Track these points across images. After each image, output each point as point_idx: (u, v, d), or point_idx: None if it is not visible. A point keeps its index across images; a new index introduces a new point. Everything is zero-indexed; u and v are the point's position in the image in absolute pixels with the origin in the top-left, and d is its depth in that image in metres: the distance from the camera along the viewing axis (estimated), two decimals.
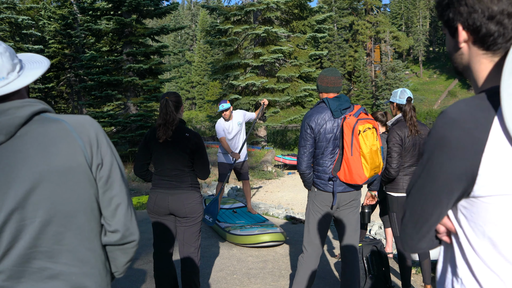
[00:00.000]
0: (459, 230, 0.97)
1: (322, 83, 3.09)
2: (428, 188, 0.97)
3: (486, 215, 0.90)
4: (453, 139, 0.90)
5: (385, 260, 3.83)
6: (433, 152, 0.94)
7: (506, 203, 0.88)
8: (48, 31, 24.46)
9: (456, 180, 0.92)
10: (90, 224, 1.18)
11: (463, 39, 0.93)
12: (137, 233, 1.26)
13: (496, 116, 0.87)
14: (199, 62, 57.50)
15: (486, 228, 0.91)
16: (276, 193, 10.44)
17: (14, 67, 1.16)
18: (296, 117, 18.80)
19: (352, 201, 3.12)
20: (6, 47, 1.17)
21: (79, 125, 1.18)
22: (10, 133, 1.09)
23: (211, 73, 20.50)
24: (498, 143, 0.86)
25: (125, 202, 1.23)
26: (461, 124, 0.89)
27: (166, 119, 2.92)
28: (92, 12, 15.25)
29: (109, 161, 1.21)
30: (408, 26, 66.06)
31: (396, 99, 3.77)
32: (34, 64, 1.25)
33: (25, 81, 1.17)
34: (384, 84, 46.98)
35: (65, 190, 1.12)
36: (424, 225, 1.01)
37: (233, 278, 4.12)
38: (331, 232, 5.81)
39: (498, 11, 0.86)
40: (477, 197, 0.91)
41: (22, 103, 1.13)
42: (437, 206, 0.97)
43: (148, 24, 32.15)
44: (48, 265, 1.12)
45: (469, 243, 0.95)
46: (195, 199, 3.04)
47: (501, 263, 0.91)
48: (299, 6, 18.83)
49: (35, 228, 1.09)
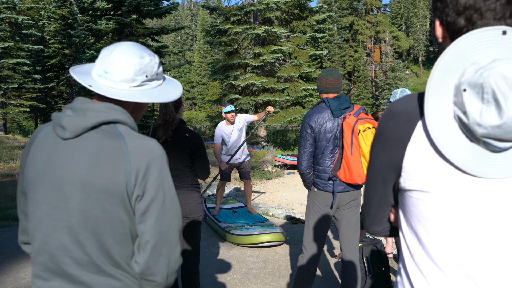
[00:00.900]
0: (399, 221, 1.00)
1: (322, 84, 3.10)
2: (369, 174, 1.04)
3: (412, 209, 0.93)
4: (388, 130, 0.95)
5: (385, 260, 3.83)
6: (374, 141, 1.01)
7: (427, 199, 0.89)
8: (48, 31, 24.46)
9: (387, 170, 0.97)
10: (121, 246, 1.15)
11: (440, 34, 0.95)
12: (162, 275, 1.17)
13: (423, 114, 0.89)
14: (199, 62, 57.51)
15: (412, 222, 0.93)
16: (276, 193, 10.44)
17: (134, 81, 1.20)
18: (296, 117, 18.80)
19: (352, 201, 3.12)
20: (146, 64, 1.21)
21: (135, 150, 1.14)
22: (75, 133, 1.14)
23: (211, 73, 20.51)
24: (420, 140, 0.89)
25: (154, 241, 1.15)
26: (395, 116, 0.94)
27: (166, 119, 2.92)
28: (92, 12, 15.26)
29: (151, 196, 1.14)
30: (408, 26, 66.07)
31: (396, 99, 3.78)
32: (156, 92, 1.25)
33: (122, 96, 1.18)
34: (384, 84, 46.97)
35: (96, 207, 1.12)
36: (370, 209, 1.08)
37: (233, 278, 4.12)
38: (331, 232, 5.81)
39: (466, 6, 0.87)
40: (403, 189, 0.94)
41: (101, 108, 1.17)
42: (375, 192, 1.03)
43: (148, 24, 32.14)
44: (74, 272, 1.14)
45: (403, 236, 0.97)
46: (195, 199, 3.04)
47: (424, 260, 0.92)
48: (299, 6, 18.83)
49: (64, 231, 1.14)
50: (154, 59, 1.25)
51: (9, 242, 4.93)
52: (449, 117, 0.85)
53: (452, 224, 0.87)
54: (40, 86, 22.02)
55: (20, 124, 31.02)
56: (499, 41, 0.83)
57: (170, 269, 1.19)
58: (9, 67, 18.73)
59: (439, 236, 0.89)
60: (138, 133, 1.22)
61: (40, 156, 1.18)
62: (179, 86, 1.35)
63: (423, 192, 0.89)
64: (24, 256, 4.45)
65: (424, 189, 0.89)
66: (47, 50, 24.00)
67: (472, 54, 0.84)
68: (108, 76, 1.19)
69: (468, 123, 0.81)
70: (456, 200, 0.86)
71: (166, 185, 1.18)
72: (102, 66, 1.20)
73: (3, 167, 9.37)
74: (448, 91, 0.85)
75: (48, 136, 1.19)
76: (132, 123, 1.22)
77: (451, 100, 0.85)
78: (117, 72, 1.18)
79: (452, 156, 0.84)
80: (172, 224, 1.18)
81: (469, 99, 0.80)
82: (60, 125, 1.15)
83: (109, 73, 1.18)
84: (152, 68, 1.23)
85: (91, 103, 1.17)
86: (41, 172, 1.16)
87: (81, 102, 1.17)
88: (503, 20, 0.85)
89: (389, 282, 3.81)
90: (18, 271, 4.07)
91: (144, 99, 1.21)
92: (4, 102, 18.98)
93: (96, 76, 1.20)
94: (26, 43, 22.15)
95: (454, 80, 0.85)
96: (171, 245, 1.18)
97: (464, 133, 0.84)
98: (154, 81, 1.26)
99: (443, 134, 0.84)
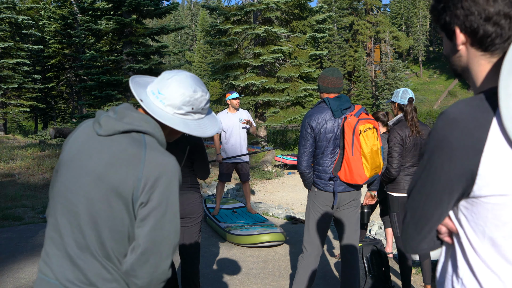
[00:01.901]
0: (460, 230, 0.97)
1: (323, 83, 3.09)
2: (428, 188, 0.97)
3: (486, 215, 0.90)
4: (454, 140, 0.90)
5: (385, 260, 3.83)
6: (434, 153, 0.95)
7: (505, 203, 0.88)
8: (48, 31, 24.45)
9: (456, 180, 0.92)
10: (116, 242, 1.23)
11: (461, 41, 0.94)
12: (144, 281, 1.22)
13: (495, 117, 0.87)
14: (199, 62, 57.49)
15: (486, 229, 0.91)
16: (276, 193, 10.44)
17: (179, 109, 1.33)
18: (296, 117, 18.79)
19: (352, 201, 3.12)
20: (196, 98, 1.34)
21: (151, 160, 1.23)
22: (108, 132, 1.26)
23: (211, 73, 20.49)
24: (497, 144, 0.87)
25: (145, 247, 1.20)
26: (461, 124, 0.90)
27: None
28: (92, 12, 15.26)
29: (153, 205, 1.20)
30: (408, 26, 66.06)
31: (397, 99, 3.77)
32: (194, 125, 1.37)
33: (163, 118, 1.30)
34: (384, 84, 46.96)
35: (103, 201, 1.21)
36: (426, 226, 1.01)
37: (233, 278, 4.12)
38: (331, 232, 5.81)
39: (495, 12, 0.87)
40: (477, 197, 0.91)
41: (138, 118, 1.29)
42: (438, 206, 0.97)
43: (148, 24, 32.11)
44: (73, 253, 1.23)
45: (470, 243, 0.95)
46: (194, 199, 3.03)
47: (501, 264, 0.91)
48: (299, 6, 18.82)
49: (71, 214, 1.25)
50: (205, 96, 1.37)
51: (9, 242, 4.93)
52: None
53: None
54: (40, 86, 22.02)
55: (20, 124, 31.03)
56: None
57: (154, 277, 1.23)
58: (9, 67, 18.73)
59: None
60: (163, 148, 1.31)
61: (75, 144, 1.31)
62: (217, 124, 1.47)
63: (504, 196, 0.87)
64: (24, 256, 4.45)
65: (505, 193, 0.87)
66: (47, 50, 24.00)
67: None
68: (160, 97, 1.32)
69: None
70: None
71: (171, 200, 1.24)
72: (159, 86, 1.33)
73: (3, 167, 9.36)
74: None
75: (87, 128, 1.33)
76: (162, 138, 1.32)
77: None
78: (169, 97, 1.31)
79: None
80: (168, 238, 1.23)
81: None
82: (99, 122, 1.28)
83: (161, 95, 1.32)
84: (200, 103, 1.36)
85: (132, 110, 1.30)
86: (71, 158, 1.29)
87: (124, 108, 1.31)
88: None
89: (389, 282, 3.81)
90: (18, 271, 4.07)
91: (181, 128, 1.33)
92: (4, 102, 18.98)
93: (149, 93, 1.34)
94: (26, 43, 22.16)
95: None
96: (161, 256, 1.22)
97: None
98: (197, 114, 1.38)
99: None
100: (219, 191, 6.07)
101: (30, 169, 9.31)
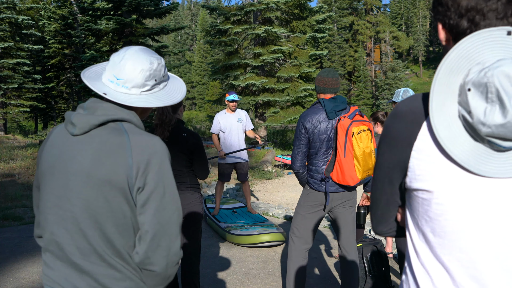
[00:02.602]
0: (406, 220, 1.01)
1: (320, 84, 3.11)
2: (376, 174, 1.05)
3: (418, 208, 0.93)
4: (394, 131, 0.96)
5: (385, 260, 3.82)
6: (380, 141, 1.02)
7: (430, 199, 0.89)
8: (48, 31, 24.44)
9: (393, 170, 0.98)
10: (122, 236, 1.20)
11: (443, 37, 0.96)
12: (161, 266, 1.21)
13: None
14: (199, 62, 57.51)
15: (419, 222, 0.94)
16: (276, 193, 10.43)
17: (144, 86, 1.29)
18: (296, 117, 18.77)
19: (346, 201, 3.15)
20: (155, 69, 1.29)
21: (138, 145, 1.21)
22: (84, 129, 1.22)
23: (211, 73, 20.49)
24: (425, 140, 0.90)
25: (153, 232, 1.19)
26: (401, 117, 0.95)
27: (163, 119, 2.92)
28: (92, 12, 15.26)
29: (151, 188, 1.19)
30: (408, 26, 66.06)
31: (398, 99, 3.78)
32: (164, 95, 1.33)
33: (135, 102, 1.27)
34: (384, 84, 46.96)
35: (98, 198, 1.18)
36: (377, 210, 1.08)
37: (233, 278, 4.12)
38: (331, 232, 5.81)
39: (468, 8, 0.87)
40: (410, 189, 0.95)
41: (110, 107, 1.25)
42: (382, 193, 1.04)
43: (148, 24, 32.11)
44: (78, 261, 1.20)
45: (410, 235, 0.98)
46: (194, 199, 3.03)
47: (430, 259, 0.92)
48: (299, 6, 18.82)
49: (69, 221, 1.20)
50: (161, 62, 1.32)
51: (9, 242, 4.93)
52: (454, 116, 0.85)
53: (457, 224, 0.87)
54: (40, 86, 22.00)
55: (20, 124, 31.02)
56: (503, 41, 0.83)
57: (169, 260, 1.23)
58: (9, 67, 18.72)
59: (444, 236, 0.89)
60: (143, 130, 1.28)
61: (52, 151, 1.27)
62: (181, 84, 1.43)
63: (429, 192, 0.89)
64: (24, 256, 4.45)
65: (430, 189, 0.89)
66: (47, 50, 23.98)
67: (477, 55, 0.84)
68: (120, 83, 1.27)
69: (473, 122, 0.81)
70: (462, 200, 0.86)
71: (166, 180, 1.24)
72: (113, 72, 1.27)
73: (3, 167, 9.36)
74: (453, 91, 0.86)
75: (60, 133, 1.29)
76: (139, 122, 1.29)
77: (455, 100, 0.86)
78: (129, 79, 1.26)
79: (457, 154, 0.84)
80: (172, 217, 1.23)
81: (474, 98, 0.81)
82: (71, 122, 1.23)
83: (121, 80, 1.26)
84: (160, 71, 1.31)
85: (101, 102, 1.26)
86: (51, 165, 1.25)
87: (92, 102, 1.26)
88: (505, 19, 0.86)
89: (389, 282, 3.81)
90: (18, 271, 4.07)
91: (154, 103, 1.29)
92: (4, 102, 18.97)
93: (107, 82, 1.28)
94: (26, 43, 22.14)
95: (459, 80, 0.85)
96: (170, 237, 1.22)
97: (468, 132, 0.84)
98: (162, 83, 1.34)
99: (447, 133, 0.85)
100: (219, 191, 6.08)
101: (30, 169, 9.31)
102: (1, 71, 18.36)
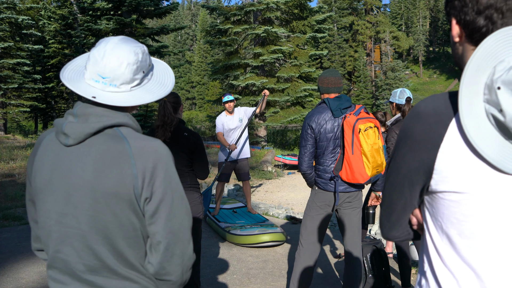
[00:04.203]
0: (424, 224, 0.98)
1: (323, 84, 3.11)
2: (393, 178, 1.01)
3: (443, 211, 0.91)
4: (416, 132, 0.93)
5: (385, 260, 3.83)
6: (399, 144, 0.98)
7: (460, 201, 0.88)
8: (48, 31, 24.44)
9: (415, 172, 0.95)
10: (133, 248, 1.15)
11: (456, 33, 0.94)
12: (177, 274, 1.17)
13: (456, 114, 0.89)
14: (199, 62, 57.51)
15: (443, 225, 0.92)
16: (276, 193, 10.43)
17: (133, 81, 1.18)
18: (296, 117, 18.79)
19: (352, 201, 3.12)
20: (141, 60, 1.18)
21: (140, 152, 1.13)
22: (78, 139, 1.12)
23: (211, 73, 20.50)
24: (454, 141, 0.88)
25: (166, 242, 1.14)
26: (424, 118, 0.92)
27: (164, 120, 2.92)
28: (92, 12, 15.26)
29: (159, 197, 1.13)
30: (408, 26, 66.04)
31: (395, 99, 3.78)
32: (155, 86, 1.24)
33: (127, 101, 1.17)
34: (384, 84, 46.97)
35: (105, 212, 1.11)
36: (392, 214, 1.04)
37: (233, 278, 4.12)
38: (332, 232, 5.81)
39: (487, 5, 0.87)
40: (435, 192, 0.92)
41: (103, 112, 1.15)
42: (401, 196, 1.00)
43: (148, 24, 32.12)
44: (88, 278, 1.14)
45: (431, 238, 0.96)
46: (194, 199, 3.03)
47: (456, 262, 0.91)
48: (299, 6, 18.82)
49: (75, 238, 1.13)
50: (145, 50, 1.21)
51: (9, 242, 4.93)
52: (482, 115, 0.84)
53: (487, 226, 0.86)
54: (40, 86, 22.00)
55: (20, 124, 31.01)
56: None
57: (184, 266, 1.18)
58: (9, 67, 18.71)
59: (474, 238, 0.87)
60: (142, 134, 1.20)
61: (45, 164, 1.17)
62: (167, 68, 1.32)
63: (458, 193, 0.87)
64: (24, 256, 4.45)
65: (459, 190, 0.87)
66: (47, 50, 23.97)
67: (500, 52, 0.84)
68: (108, 81, 1.15)
69: (505, 120, 0.80)
70: (493, 201, 0.85)
71: (174, 184, 1.17)
72: (97, 70, 1.15)
73: (3, 167, 9.36)
74: (479, 89, 0.85)
75: (51, 143, 1.18)
76: (135, 124, 1.21)
77: (481, 99, 0.85)
78: (116, 76, 1.15)
79: (489, 155, 0.83)
80: (183, 223, 1.17)
81: (505, 96, 0.80)
82: (63, 132, 1.13)
83: (107, 78, 1.15)
84: (146, 61, 1.21)
85: (92, 107, 1.15)
86: (48, 180, 1.15)
87: (82, 107, 1.16)
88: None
89: (389, 282, 3.81)
90: (18, 271, 4.07)
91: (148, 99, 1.19)
92: (4, 102, 18.96)
93: (92, 82, 1.16)
94: (26, 43, 22.14)
95: (484, 79, 0.85)
96: (184, 243, 1.17)
97: (499, 131, 0.83)
98: (149, 73, 1.24)
99: (478, 133, 0.84)
100: (219, 191, 6.09)
101: None
102: (1, 71, 18.35)
